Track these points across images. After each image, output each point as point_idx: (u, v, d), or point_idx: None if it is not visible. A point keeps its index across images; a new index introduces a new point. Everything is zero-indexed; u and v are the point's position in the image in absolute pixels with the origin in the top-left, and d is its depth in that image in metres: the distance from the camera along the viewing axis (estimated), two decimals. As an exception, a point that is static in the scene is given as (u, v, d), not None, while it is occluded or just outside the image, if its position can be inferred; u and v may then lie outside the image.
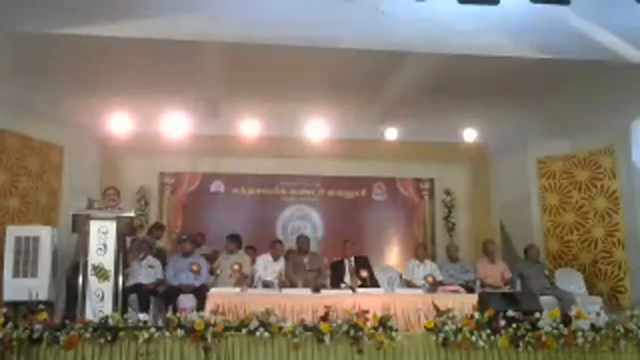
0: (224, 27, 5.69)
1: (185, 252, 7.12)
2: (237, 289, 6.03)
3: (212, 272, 7.01)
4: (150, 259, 6.99)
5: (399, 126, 8.05)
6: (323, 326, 4.98)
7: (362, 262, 7.22)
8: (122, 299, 5.62)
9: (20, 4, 5.48)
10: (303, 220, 9.37)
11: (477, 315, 5.29)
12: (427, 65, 6.30)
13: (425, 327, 5.28)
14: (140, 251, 7.01)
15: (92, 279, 5.38)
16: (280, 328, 4.96)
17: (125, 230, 5.86)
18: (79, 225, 5.62)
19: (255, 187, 9.35)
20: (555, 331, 5.22)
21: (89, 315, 5.16)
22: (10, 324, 4.77)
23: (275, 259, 7.17)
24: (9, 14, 5.45)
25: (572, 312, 5.61)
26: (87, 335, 4.77)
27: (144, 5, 5.59)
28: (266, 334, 4.91)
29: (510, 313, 5.28)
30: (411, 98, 7.06)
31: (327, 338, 4.94)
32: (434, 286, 6.57)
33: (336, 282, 6.89)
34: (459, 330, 5.12)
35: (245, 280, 6.88)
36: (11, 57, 6.09)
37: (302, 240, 7.52)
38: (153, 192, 9.08)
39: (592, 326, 5.40)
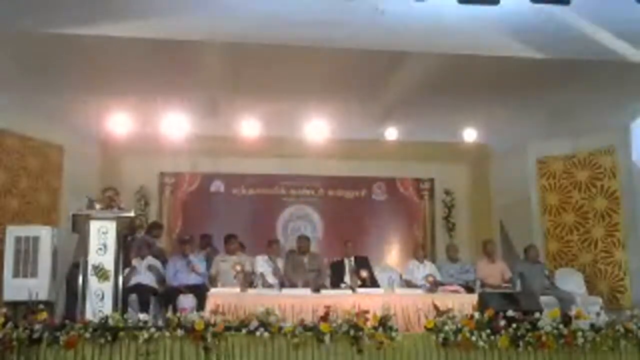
0: (224, 27, 5.69)
1: (186, 252, 7.11)
2: (237, 289, 6.03)
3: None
4: (150, 259, 6.99)
5: (399, 126, 8.04)
6: (323, 326, 4.98)
7: (362, 262, 7.22)
8: (122, 298, 5.63)
9: (21, 4, 5.48)
10: (303, 220, 9.38)
11: (477, 315, 5.29)
12: (427, 65, 6.30)
13: (425, 327, 5.29)
14: (140, 250, 7.00)
15: (92, 279, 5.38)
16: (280, 328, 4.96)
17: (126, 230, 5.86)
18: (79, 225, 5.62)
19: (255, 187, 9.35)
20: (555, 331, 5.22)
21: (89, 315, 5.16)
22: (10, 324, 4.77)
23: (273, 259, 7.18)
24: (9, 14, 5.45)
25: (572, 312, 5.62)
26: (87, 335, 4.78)
27: (144, 5, 5.59)
28: (266, 334, 4.91)
29: (510, 313, 5.28)
30: (411, 98, 7.06)
31: (327, 338, 4.95)
32: (434, 286, 6.57)
33: (336, 282, 6.90)
34: (459, 330, 5.13)
35: (249, 280, 6.89)
36: (11, 57, 6.09)
37: (302, 241, 7.52)
38: (153, 192, 9.09)
39: (592, 326, 5.40)
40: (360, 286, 6.42)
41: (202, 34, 5.73)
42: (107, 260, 5.45)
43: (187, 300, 6.42)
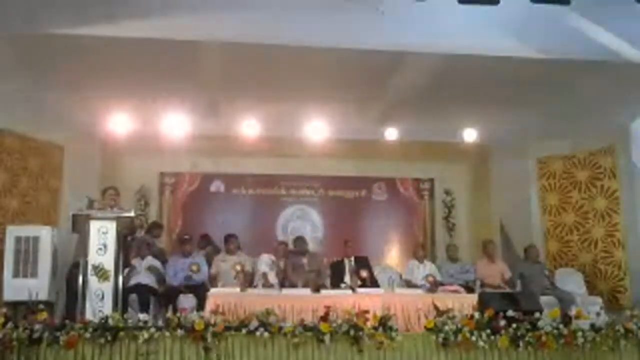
0: (224, 27, 5.69)
1: (186, 252, 7.11)
2: (237, 289, 6.03)
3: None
4: (150, 259, 6.98)
5: (399, 126, 8.05)
6: (323, 326, 4.98)
7: (362, 262, 7.22)
8: (122, 298, 5.63)
9: (21, 4, 5.48)
10: (303, 220, 9.36)
11: (477, 315, 5.30)
12: (427, 65, 6.30)
13: (425, 327, 5.29)
14: (140, 250, 7.00)
15: (92, 279, 5.38)
16: (280, 328, 4.96)
17: (126, 230, 5.86)
18: (79, 225, 5.62)
19: (255, 187, 9.34)
20: (555, 331, 5.23)
21: (89, 315, 5.16)
22: (10, 324, 4.77)
23: (276, 261, 7.21)
24: (9, 14, 5.45)
25: (572, 312, 5.62)
26: (87, 335, 4.78)
27: (144, 5, 5.59)
28: (266, 334, 4.92)
29: (510, 313, 5.28)
30: (411, 98, 7.06)
31: (327, 338, 4.95)
32: (434, 286, 6.57)
33: (336, 282, 6.90)
34: (459, 330, 5.13)
35: (249, 279, 6.90)
36: (11, 57, 6.09)
37: (299, 242, 7.54)
38: (153, 192, 9.08)
39: (592, 326, 5.41)
40: (360, 286, 6.42)
41: (202, 34, 5.73)
42: (107, 260, 5.45)
43: (187, 300, 6.43)
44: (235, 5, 5.61)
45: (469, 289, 6.95)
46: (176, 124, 7.56)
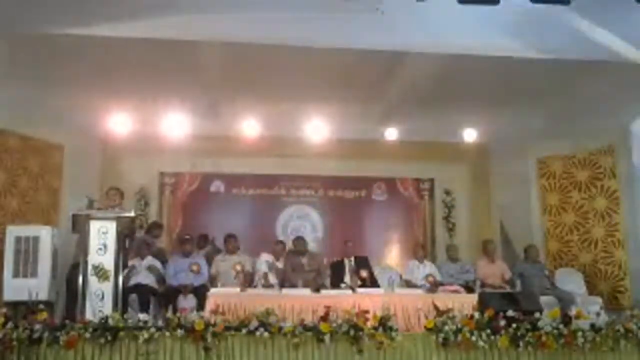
0: (224, 27, 5.69)
1: (186, 252, 7.11)
2: (237, 289, 6.03)
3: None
4: (150, 259, 6.98)
5: (399, 126, 8.05)
6: (323, 326, 4.98)
7: (362, 262, 7.22)
8: (122, 299, 5.63)
9: (20, 4, 5.48)
10: (303, 220, 9.37)
11: (477, 315, 5.30)
12: (427, 65, 6.30)
13: (425, 327, 5.29)
14: (139, 250, 7.00)
15: (92, 279, 5.39)
16: (280, 328, 4.97)
17: (126, 230, 5.86)
18: (79, 225, 5.62)
19: (255, 187, 9.35)
20: (555, 331, 5.23)
21: (89, 315, 5.17)
22: (10, 324, 4.78)
23: (277, 259, 7.20)
24: (8, 14, 5.45)
25: (572, 312, 5.62)
26: (87, 335, 4.79)
27: (145, 5, 5.59)
28: (266, 334, 4.92)
29: (510, 313, 5.28)
30: (411, 98, 7.06)
31: (327, 338, 4.95)
32: (434, 286, 6.57)
33: (336, 282, 6.89)
34: (459, 330, 5.13)
35: (249, 279, 6.90)
36: (11, 57, 6.09)
37: (298, 242, 7.52)
38: (153, 192, 9.08)
39: (592, 326, 5.41)
40: (360, 286, 6.42)
41: (202, 34, 5.73)
42: (107, 260, 5.45)
43: (187, 300, 6.43)
44: (235, 5, 5.61)
45: (469, 289, 6.95)
46: (176, 124, 7.56)
